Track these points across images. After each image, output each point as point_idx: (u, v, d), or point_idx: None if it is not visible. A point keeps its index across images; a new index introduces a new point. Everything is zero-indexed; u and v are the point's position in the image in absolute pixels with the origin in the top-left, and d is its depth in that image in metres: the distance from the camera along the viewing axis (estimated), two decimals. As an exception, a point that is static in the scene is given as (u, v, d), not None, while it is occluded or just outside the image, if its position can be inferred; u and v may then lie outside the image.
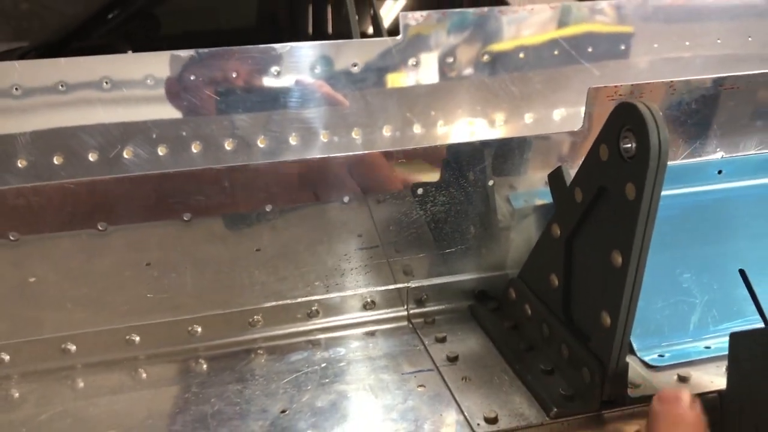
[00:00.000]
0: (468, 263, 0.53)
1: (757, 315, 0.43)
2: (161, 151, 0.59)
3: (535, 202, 0.52)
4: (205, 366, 0.48)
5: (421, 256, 0.52)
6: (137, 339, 0.49)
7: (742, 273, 0.46)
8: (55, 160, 0.57)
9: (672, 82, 0.49)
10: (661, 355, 0.45)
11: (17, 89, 0.56)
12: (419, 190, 0.50)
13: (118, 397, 0.45)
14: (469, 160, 0.50)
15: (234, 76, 0.60)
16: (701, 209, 0.50)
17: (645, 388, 0.42)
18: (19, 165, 0.57)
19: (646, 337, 0.46)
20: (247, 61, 0.61)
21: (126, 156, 0.58)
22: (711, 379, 0.43)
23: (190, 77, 0.59)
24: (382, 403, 0.44)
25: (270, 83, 0.61)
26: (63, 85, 0.57)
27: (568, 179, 0.44)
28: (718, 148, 0.53)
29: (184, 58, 0.59)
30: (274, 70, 0.61)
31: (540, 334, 0.46)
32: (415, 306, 0.53)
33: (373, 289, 0.53)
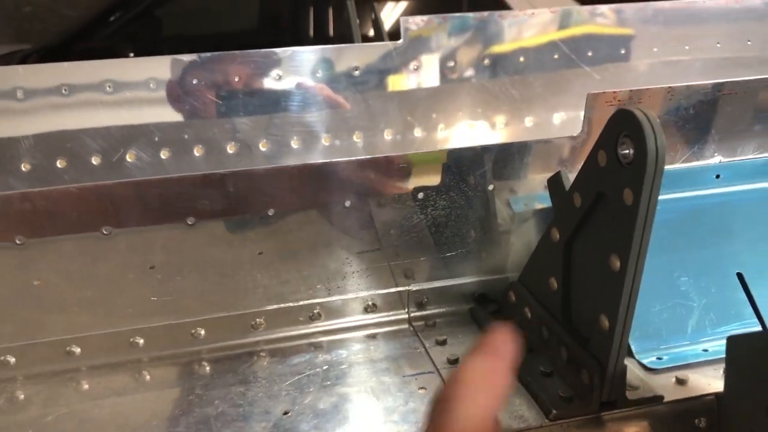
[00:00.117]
0: (468, 267, 0.54)
1: (755, 318, 0.43)
2: (164, 154, 0.59)
3: (534, 206, 0.52)
4: (208, 368, 0.49)
5: (422, 260, 0.53)
6: (141, 341, 0.49)
7: (739, 276, 0.46)
8: (59, 164, 0.57)
9: (670, 87, 0.49)
10: (659, 358, 0.46)
11: (20, 92, 0.56)
12: (420, 195, 0.50)
13: (122, 399, 0.45)
14: (470, 164, 0.50)
15: (236, 79, 0.61)
16: (699, 213, 0.50)
17: (643, 391, 0.43)
18: (22, 168, 0.57)
19: (644, 339, 0.46)
20: (249, 64, 0.61)
21: (129, 159, 0.59)
22: (709, 381, 0.44)
23: (192, 81, 0.60)
24: (383, 405, 0.44)
25: (271, 87, 0.62)
26: (66, 89, 0.57)
27: (567, 184, 0.44)
28: (716, 153, 0.53)
29: (186, 62, 0.59)
30: (275, 73, 0.61)
31: (539, 336, 0.47)
32: (416, 309, 0.54)
33: (375, 292, 0.53)
